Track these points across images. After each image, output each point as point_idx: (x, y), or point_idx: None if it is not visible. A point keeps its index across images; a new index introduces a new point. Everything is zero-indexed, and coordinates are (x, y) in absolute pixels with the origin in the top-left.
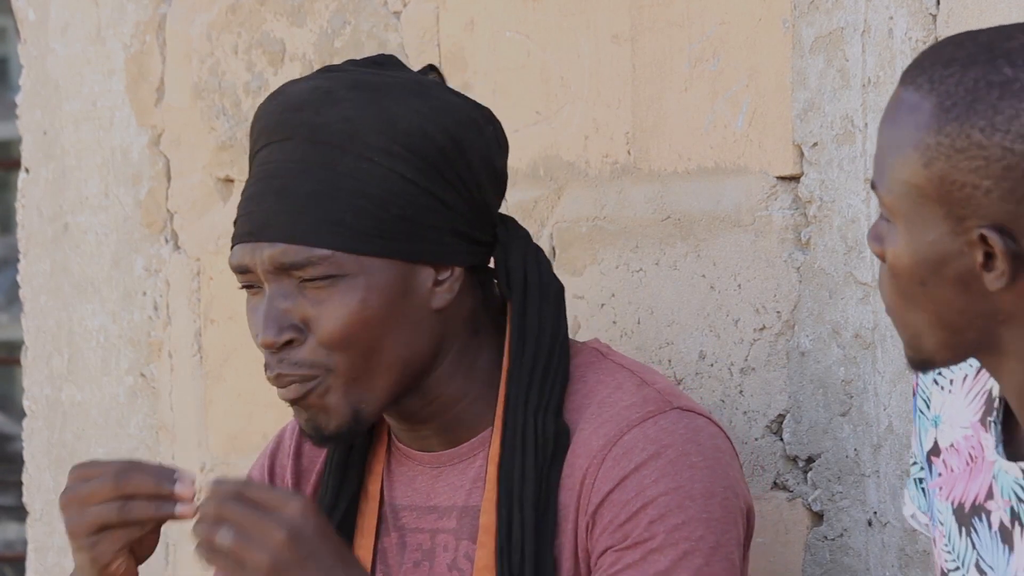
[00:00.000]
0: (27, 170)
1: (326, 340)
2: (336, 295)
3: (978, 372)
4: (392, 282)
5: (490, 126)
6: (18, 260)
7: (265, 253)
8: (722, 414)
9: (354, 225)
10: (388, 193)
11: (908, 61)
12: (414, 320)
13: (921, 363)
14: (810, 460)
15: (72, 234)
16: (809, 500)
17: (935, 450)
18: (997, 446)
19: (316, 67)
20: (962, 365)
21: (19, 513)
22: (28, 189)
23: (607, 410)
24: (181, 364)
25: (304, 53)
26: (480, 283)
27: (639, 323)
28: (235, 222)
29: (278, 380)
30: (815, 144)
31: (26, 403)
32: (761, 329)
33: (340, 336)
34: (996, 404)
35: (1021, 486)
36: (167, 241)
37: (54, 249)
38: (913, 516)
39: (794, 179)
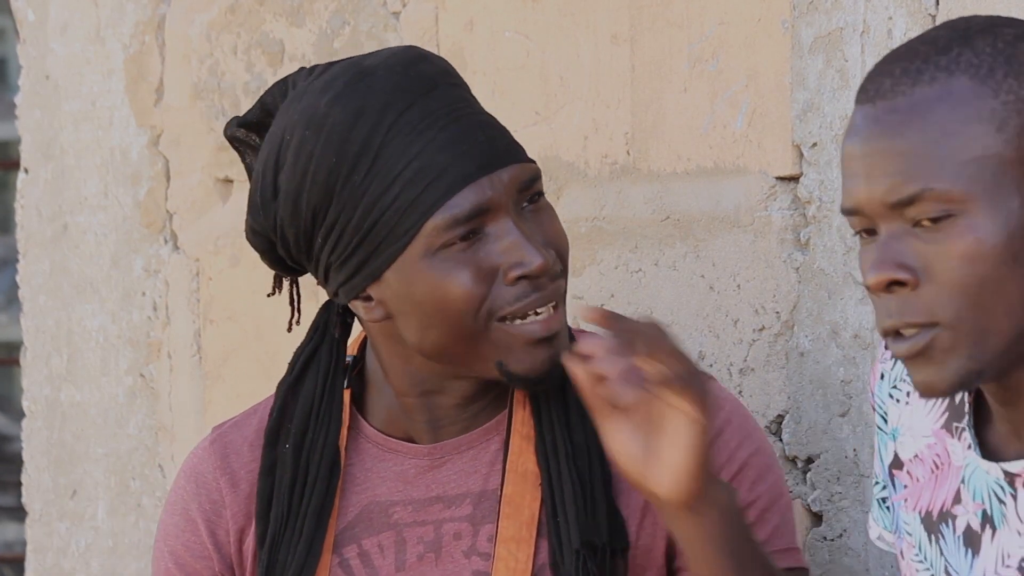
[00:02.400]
0: (26, 170)
1: (564, 252)
2: (549, 209)
3: None
4: None
5: None
6: (17, 260)
7: (509, 176)
8: None
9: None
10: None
11: None
12: None
13: (969, 376)
14: (809, 460)
15: (71, 234)
16: (808, 500)
17: (896, 463)
18: (973, 448)
19: None
20: None
21: (18, 513)
22: (27, 189)
23: None
24: (180, 364)
25: (303, 53)
26: None
27: None
28: (436, 174)
29: (554, 293)
30: (814, 144)
31: (25, 403)
32: (760, 329)
33: (567, 245)
34: (966, 409)
35: (1000, 486)
36: (166, 241)
37: (53, 249)
38: (879, 537)
39: (793, 179)
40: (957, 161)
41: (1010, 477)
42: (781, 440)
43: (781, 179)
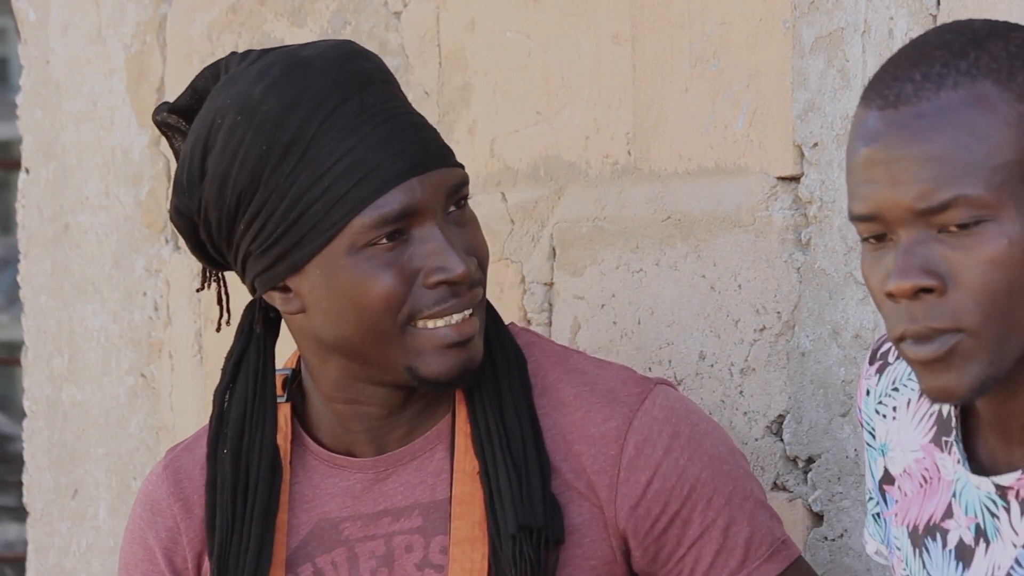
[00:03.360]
0: (27, 170)
1: (484, 259)
2: (472, 216)
3: (921, 395)
4: None
5: None
6: (19, 260)
7: (438, 180)
8: (722, 414)
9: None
10: None
11: None
12: None
13: (986, 382)
14: (810, 460)
15: (72, 234)
16: (809, 501)
17: (887, 479)
18: (963, 463)
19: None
20: (903, 390)
21: (19, 513)
22: (28, 189)
23: (586, 390)
24: (181, 364)
25: None
26: None
27: (639, 323)
28: (368, 171)
29: (471, 300)
30: (815, 144)
31: (26, 403)
32: (761, 330)
33: (487, 252)
34: (953, 423)
35: (993, 500)
36: (167, 241)
37: (54, 249)
38: (877, 552)
39: (794, 179)
40: (988, 166)
41: (1002, 490)
42: (782, 440)
43: (782, 179)
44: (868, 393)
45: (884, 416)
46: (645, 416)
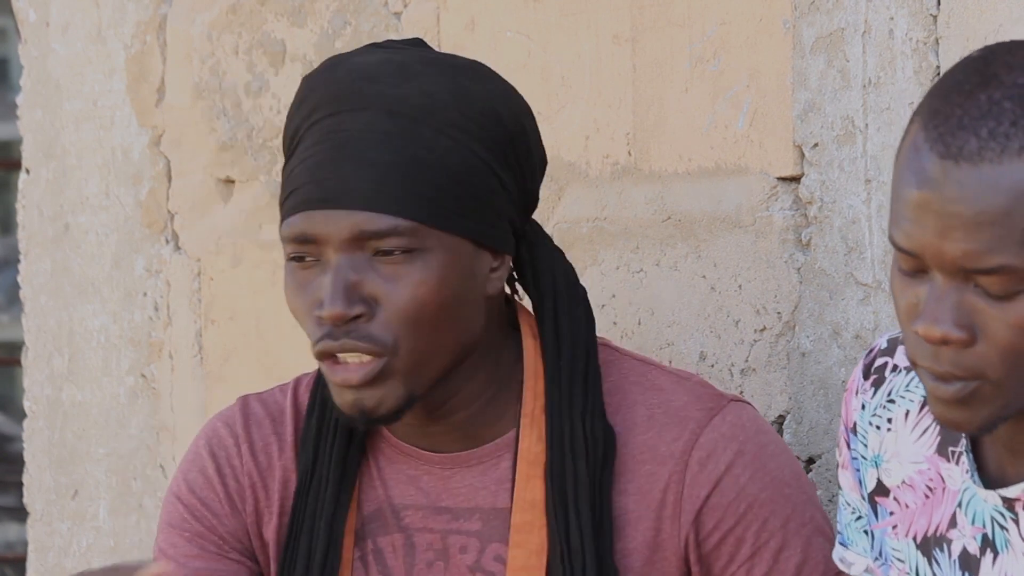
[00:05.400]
0: (28, 170)
1: (400, 315)
2: (414, 271)
3: (922, 407)
4: (464, 262)
5: (535, 120)
6: (19, 260)
7: (344, 221)
8: None
9: (436, 199)
10: (465, 170)
11: (909, 62)
12: (473, 304)
13: (998, 421)
14: (811, 461)
15: (73, 234)
16: None
17: (880, 490)
18: (972, 475)
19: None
20: (900, 402)
21: (20, 514)
22: (29, 189)
23: (660, 411)
24: (182, 365)
25: (305, 54)
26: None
27: (640, 324)
28: (290, 191)
29: (343, 348)
30: (816, 145)
31: (27, 403)
32: (762, 330)
33: (414, 312)
34: (961, 435)
35: (1000, 512)
36: (168, 242)
37: (55, 249)
38: (867, 570)
39: (795, 180)
40: None
41: (1009, 503)
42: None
43: (782, 179)
44: (863, 407)
45: (879, 428)
46: (712, 432)
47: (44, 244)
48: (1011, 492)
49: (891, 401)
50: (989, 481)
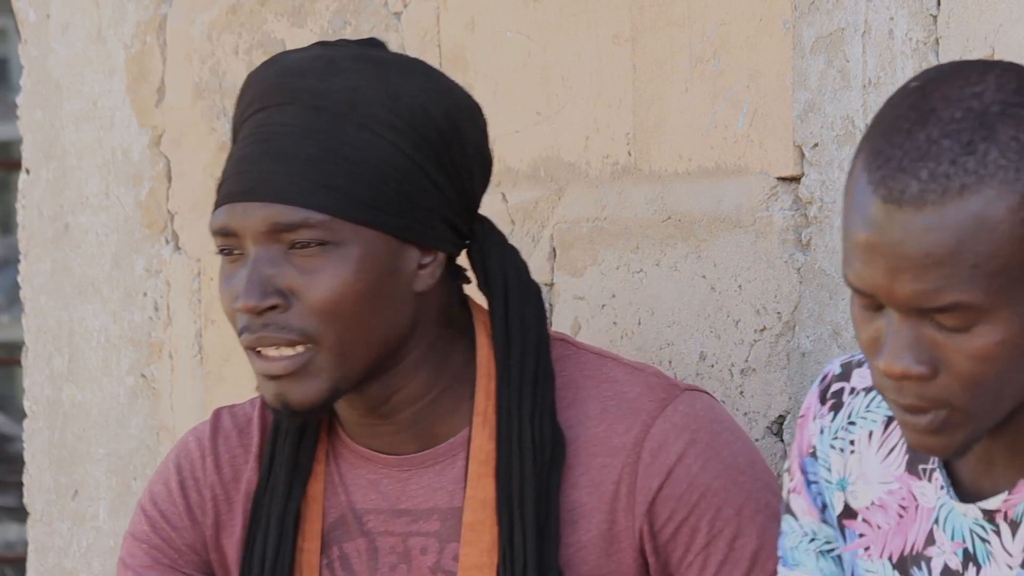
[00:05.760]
0: (28, 170)
1: (316, 308)
2: (328, 264)
3: (886, 426)
4: (383, 256)
5: (482, 119)
6: (19, 260)
7: (259, 213)
8: None
9: (352, 193)
10: (387, 166)
11: (909, 62)
12: (398, 299)
13: (974, 442)
14: None
15: (73, 234)
16: None
17: (847, 513)
18: (947, 490)
19: None
20: (861, 423)
21: (20, 514)
22: (29, 189)
23: (613, 404)
24: (182, 365)
25: None
26: (452, 277)
27: (640, 324)
28: (220, 184)
29: (260, 341)
30: (816, 145)
31: (27, 404)
32: (762, 330)
33: (331, 305)
34: None
35: (981, 526)
36: (168, 242)
37: (55, 249)
38: None
39: (795, 180)
40: (987, 273)
41: (989, 515)
42: (782, 440)
43: (782, 179)
44: (822, 432)
45: (841, 450)
46: (664, 423)
47: (44, 244)
48: (991, 504)
49: (852, 423)
50: (965, 495)
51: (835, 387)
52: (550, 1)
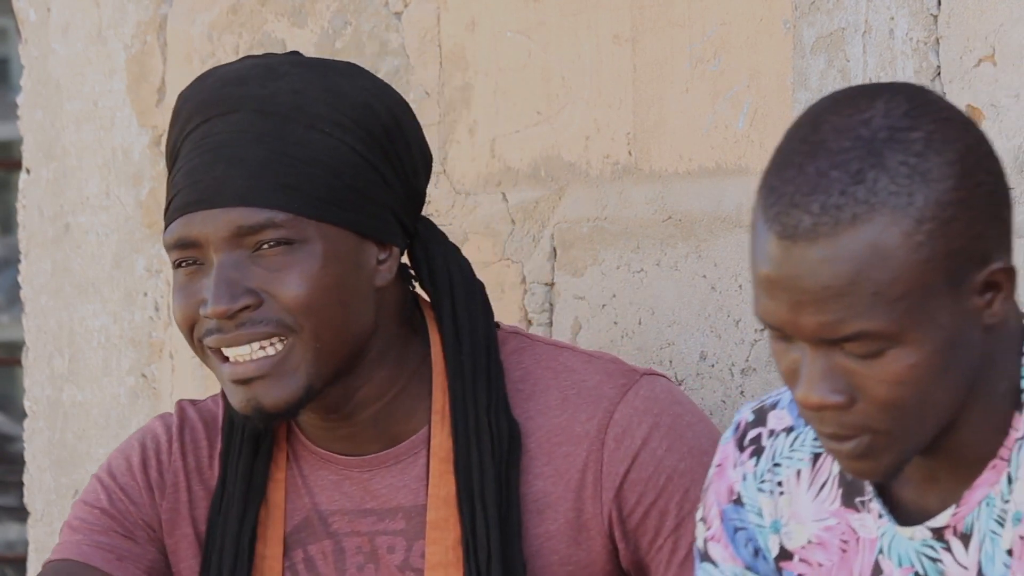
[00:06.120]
0: (28, 170)
1: (291, 304)
2: (295, 262)
3: (814, 463)
4: (347, 252)
5: (416, 118)
6: (19, 260)
7: (221, 219)
8: (723, 415)
9: (310, 191)
10: (339, 163)
11: (909, 61)
12: (362, 294)
13: (904, 463)
14: None
15: (73, 234)
16: None
17: (784, 555)
18: (887, 517)
19: None
20: (787, 463)
21: (20, 514)
22: (29, 189)
23: (573, 393)
24: (182, 365)
25: (305, 54)
26: (402, 276)
27: (640, 324)
28: (171, 199)
29: (237, 340)
30: None
31: (27, 404)
32: (762, 330)
33: (305, 299)
34: (865, 483)
35: (930, 546)
36: None
37: (55, 249)
38: None
39: None
40: (889, 299)
41: (938, 533)
42: None
43: None
44: (745, 478)
45: (771, 493)
46: (626, 408)
47: (44, 244)
48: (939, 521)
49: (777, 465)
50: (910, 518)
51: (752, 433)
52: (550, 1)
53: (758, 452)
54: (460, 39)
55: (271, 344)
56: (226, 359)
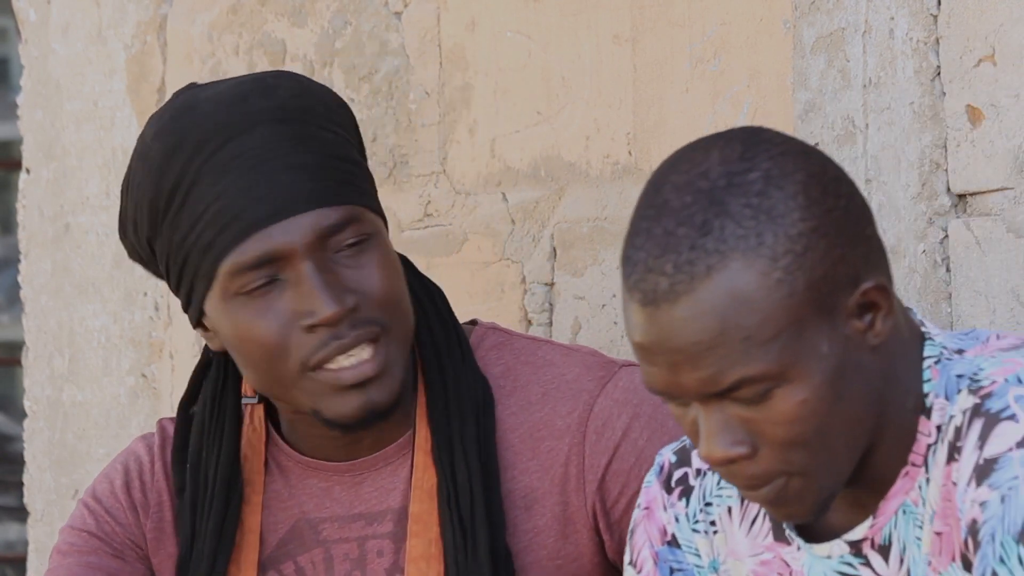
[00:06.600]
0: (28, 170)
1: (382, 299)
2: (374, 255)
3: (743, 499)
4: (388, 239)
5: None
6: (19, 260)
7: (304, 224)
8: None
9: (357, 184)
10: (350, 156)
11: (909, 61)
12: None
13: (828, 500)
14: None
15: (73, 234)
16: None
17: None
18: (798, 542)
19: (316, 67)
20: (717, 502)
21: (20, 514)
22: (29, 189)
23: (553, 387)
24: (182, 365)
25: (305, 54)
26: None
27: None
28: (223, 227)
29: (356, 340)
30: (816, 145)
31: (27, 404)
32: None
33: (392, 293)
34: None
35: (848, 562)
36: None
37: (55, 249)
38: None
39: None
40: (761, 341)
41: (856, 547)
42: None
43: None
44: (677, 520)
45: (705, 532)
46: (605, 400)
47: (44, 244)
48: (856, 535)
49: (708, 504)
50: (833, 534)
51: (677, 474)
52: (550, 1)
53: (687, 492)
54: (460, 39)
55: (376, 342)
56: (327, 370)
